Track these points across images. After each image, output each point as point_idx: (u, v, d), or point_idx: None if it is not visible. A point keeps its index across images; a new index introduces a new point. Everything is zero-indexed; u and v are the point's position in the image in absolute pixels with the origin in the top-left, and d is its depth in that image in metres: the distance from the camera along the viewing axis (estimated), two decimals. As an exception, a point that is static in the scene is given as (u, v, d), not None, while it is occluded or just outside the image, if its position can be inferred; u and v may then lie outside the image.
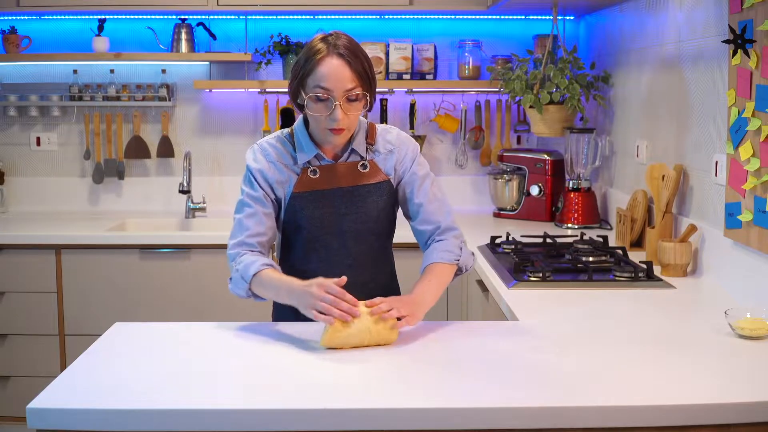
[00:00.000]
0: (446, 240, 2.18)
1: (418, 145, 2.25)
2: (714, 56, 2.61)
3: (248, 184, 2.18)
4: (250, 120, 4.24)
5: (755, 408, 1.61)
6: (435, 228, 2.19)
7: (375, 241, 2.22)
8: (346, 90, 2.03)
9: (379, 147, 2.20)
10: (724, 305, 2.19)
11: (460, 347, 1.93)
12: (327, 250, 2.18)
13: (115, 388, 1.67)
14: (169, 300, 3.61)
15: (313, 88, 2.04)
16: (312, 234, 2.17)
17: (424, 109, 4.23)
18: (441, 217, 2.20)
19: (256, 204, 2.15)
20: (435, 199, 2.21)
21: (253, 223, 2.13)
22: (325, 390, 1.66)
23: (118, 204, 4.25)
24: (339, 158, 2.18)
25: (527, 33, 4.18)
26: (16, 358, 3.65)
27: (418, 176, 2.21)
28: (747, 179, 2.31)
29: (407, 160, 2.21)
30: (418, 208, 2.20)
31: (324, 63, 2.03)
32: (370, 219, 2.18)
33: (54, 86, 4.17)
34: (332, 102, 2.03)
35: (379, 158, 2.20)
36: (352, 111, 2.06)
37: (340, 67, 2.03)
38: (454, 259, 2.15)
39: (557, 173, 3.88)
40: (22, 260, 3.59)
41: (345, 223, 2.16)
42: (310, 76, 2.05)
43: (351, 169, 2.17)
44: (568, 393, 1.65)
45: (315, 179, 2.15)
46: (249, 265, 2.05)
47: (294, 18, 4.15)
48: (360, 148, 2.18)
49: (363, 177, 2.17)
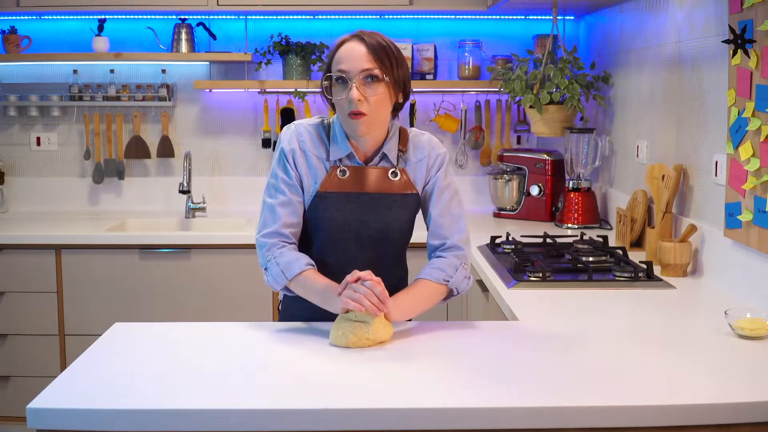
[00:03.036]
0: (445, 258, 2.12)
1: (447, 153, 2.20)
2: (714, 56, 2.61)
3: (282, 167, 2.12)
4: (250, 120, 4.24)
5: (755, 408, 1.61)
6: (441, 243, 2.14)
7: (392, 251, 2.19)
8: (362, 70, 2.00)
9: (410, 154, 2.15)
10: (724, 305, 2.19)
11: (460, 347, 1.93)
12: (343, 254, 2.14)
13: (115, 388, 1.67)
14: (169, 300, 3.61)
15: (334, 73, 2.04)
16: (330, 236, 2.13)
17: (424, 109, 4.23)
18: (450, 233, 2.13)
19: (290, 191, 2.10)
20: (448, 214, 2.14)
21: (287, 212, 2.09)
22: (325, 390, 1.66)
23: (118, 204, 4.25)
24: (370, 161, 2.14)
25: (527, 33, 4.19)
26: (16, 358, 3.65)
27: (440, 187, 2.15)
28: (747, 179, 2.31)
29: (434, 168, 2.16)
30: (431, 219, 2.16)
31: (344, 47, 2.04)
32: (392, 229, 2.14)
33: (54, 86, 4.17)
34: (349, 83, 2.01)
35: (410, 166, 2.15)
36: (370, 94, 2.02)
37: (356, 47, 2.02)
38: (443, 279, 2.09)
39: (557, 173, 3.88)
40: (22, 260, 3.59)
41: (365, 229, 2.12)
42: (332, 63, 2.05)
43: (381, 175, 2.13)
44: (568, 393, 1.65)
45: (343, 180, 2.11)
46: (292, 262, 2.04)
47: (294, 18, 4.15)
48: (391, 154, 2.13)
49: (392, 185, 2.13)
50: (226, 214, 4.14)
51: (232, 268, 3.60)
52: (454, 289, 2.12)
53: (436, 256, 2.14)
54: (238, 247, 3.57)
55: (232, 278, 3.61)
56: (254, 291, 3.56)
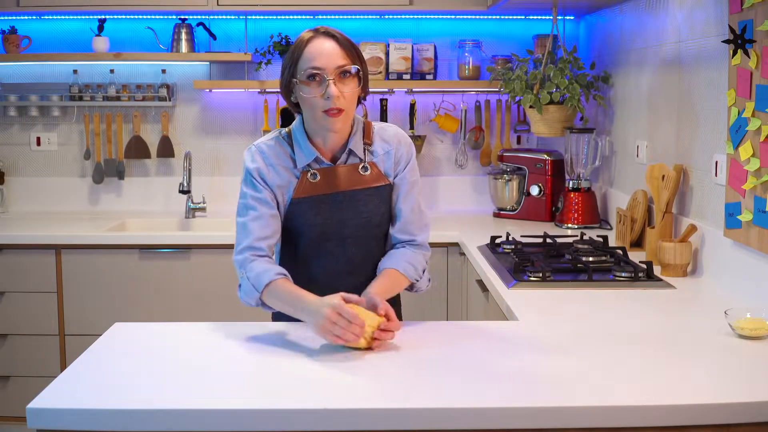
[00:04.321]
0: (415, 254, 2.16)
1: (413, 146, 2.22)
2: (714, 56, 2.61)
3: (250, 185, 2.11)
4: (250, 120, 4.24)
5: (755, 408, 1.60)
6: (410, 239, 2.17)
7: (375, 245, 2.19)
8: (338, 66, 2.00)
9: (377, 147, 2.16)
10: (724, 305, 2.19)
11: (460, 347, 1.93)
12: (327, 256, 2.14)
13: (115, 388, 1.67)
14: (169, 300, 3.61)
15: (305, 71, 2.01)
16: (312, 241, 2.13)
17: (424, 109, 4.23)
18: (418, 231, 2.18)
19: (260, 206, 2.09)
20: (418, 211, 2.18)
21: (258, 226, 2.07)
22: (325, 390, 1.66)
23: (118, 204, 4.25)
24: (337, 160, 2.14)
25: (527, 33, 4.18)
26: (16, 358, 3.65)
27: (408, 182, 2.16)
28: (747, 179, 2.31)
29: (403, 161, 2.17)
30: (398, 214, 2.17)
31: (312, 43, 2.02)
32: (372, 224, 2.15)
33: (54, 86, 4.17)
34: (325, 80, 2.00)
35: (378, 159, 2.16)
36: (346, 89, 2.02)
37: (328, 44, 2.02)
38: (414, 278, 2.14)
39: (557, 173, 3.88)
40: (22, 260, 3.59)
41: (346, 229, 2.12)
42: (299, 62, 2.03)
43: (351, 171, 2.13)
44: (568, 393, 1.65)
45: (315, 183, 2.10)
46: (261, 273, 2.01)
47: (294, 18, 4.15)
48: (357, 149, 2.13)
49: (364, 180, 2.13)
50: (226, 214, 4.14)
51: (232, 268, 3.57)
52: (416, 289, 2.20)
53: (405, 247, 2.17)
54: (238, 247, 3.57)
55: (231, 278, 3.58)
56: (254, 291, 3.56)
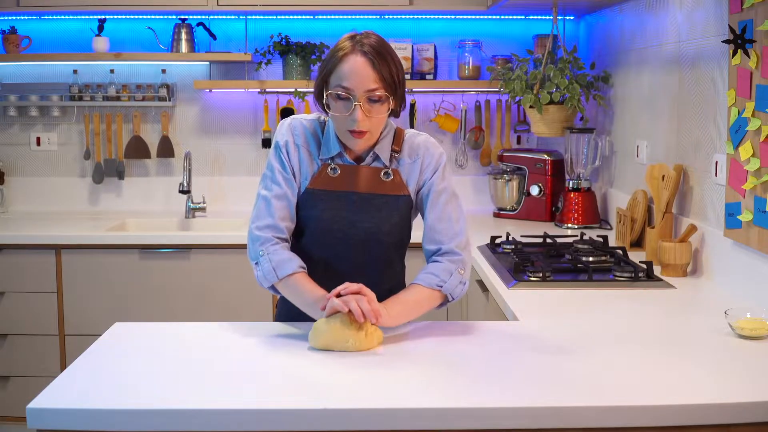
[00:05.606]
0: (440, 263, 2.05)
1: (444, 155, 2.12)
2: (714, 56, 2.61)
3: (278, 160, 2.07)
4: (250, 120, 4.24)
5: (755, 408, 1.61)
6: (437, 249, 2.07)
7: (382, 252, 2.12)
8: (367, 90, 1.94)
9: (405, 154, 2.09)
10: (724, 305, 2.19)
11: (460, 347, 1.93)
12: (330, 250, 2.10)
13: (115, 388, 1.67)
14: (169, 300, 3.61)
15: (335, 87, 1.97)
16: (318, 233, 2.09)
17: (424, 109, 4.23)
18: (446, 238, 2.06)
19: (286, 184, 2.06)
20: (446, 219, 2.07)
21: (282, 205, 2.05)
22: (325, 390, 1.66)
23: (118, 204, 4.25)
24: (362, 160, 2.09)
25: (527, 33, 4.18)
26: (16, 358, 3.65)
27: (436, 191, 2.08)
28: (747, 179, 2.31)
29: (429, 170, 2.09)
30: (427, 224, 2.10)
31: (346, 60, 1.95)
32: (381, 231, 2.08)
33: (54, 86, 4.16)
34: (353, 102, 1.95)
35: (403, 167, 2.09)
36: (374, 113, 1.97)
37: (362, 65, 1.94)
38: (437, 285, 2.02)
39: (557, 173, 3.88)
40: (22, 260, 3.59)
41: (353, 230, 2.07)
42: (332, 74, 1.98)
43: (373, 175, 2.07)
44: (568, 393, 1.65)
45: (333, 178, 2.07)
46: (285, 261, 2.00)
47: (294, 18, 4.15)
48: (384, 154, 2.07)
49: (383, 186, 2.08)
50: (226, 214, 4.14)
51: (232, 268, 3.60)
52: (448, 294, 2.05)
53: (433, 261, 2.09)
54: (238, 247, 3.57)
55: (231, 278, 3.61)
56: (254, 291, 3.56)
